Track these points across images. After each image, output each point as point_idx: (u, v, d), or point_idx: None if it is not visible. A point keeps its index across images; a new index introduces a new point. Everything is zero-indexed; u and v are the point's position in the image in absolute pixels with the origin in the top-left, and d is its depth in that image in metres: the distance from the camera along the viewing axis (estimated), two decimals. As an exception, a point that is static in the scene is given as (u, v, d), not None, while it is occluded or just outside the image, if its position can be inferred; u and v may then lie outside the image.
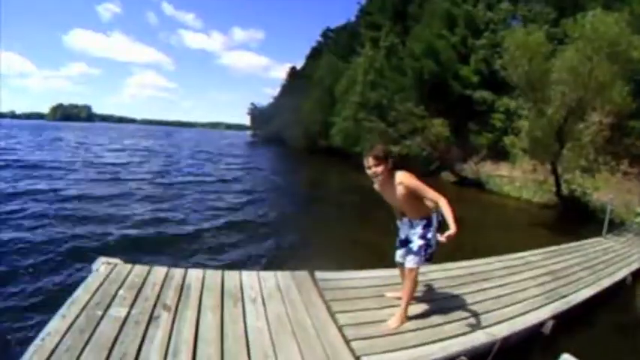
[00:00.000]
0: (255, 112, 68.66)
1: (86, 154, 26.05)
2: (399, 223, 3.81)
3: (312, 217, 11.36)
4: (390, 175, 3.43)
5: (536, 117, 12.35)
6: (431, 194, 3.37)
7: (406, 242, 3.66)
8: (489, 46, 21.39)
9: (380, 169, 3.38)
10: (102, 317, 3.11)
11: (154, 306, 3.34)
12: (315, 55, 51.41)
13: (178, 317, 3.20)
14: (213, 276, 4.06)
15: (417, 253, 3.48)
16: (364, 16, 35.86)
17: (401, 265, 3.74)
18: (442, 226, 3.45)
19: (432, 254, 3.56)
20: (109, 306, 3.29)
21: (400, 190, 3.41)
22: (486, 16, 22.96)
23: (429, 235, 3.49)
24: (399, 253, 3.76)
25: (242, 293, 3.73)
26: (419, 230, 3.52)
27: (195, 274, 4.06)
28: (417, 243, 3.50)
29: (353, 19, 43.52)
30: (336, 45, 43.30)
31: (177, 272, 4.07)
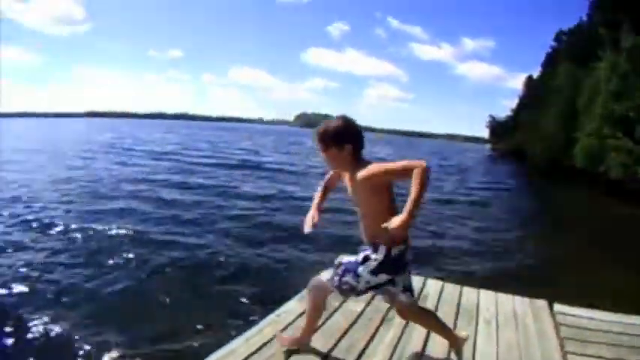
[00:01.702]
0: (494, 125, 65.77)
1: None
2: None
3: (556, 244, 10.63)
4: (353, 166, 2.40)
5: None
6: (401, 164, 2.26)
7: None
8: None
9: (324, 155, 2.46)
10: (337, 308, 3.35)
11: (389, 308, 3.39)
12: (550, 61, 46.64)
13: (411, 324, 3.19)
14: (452, 290, 4.05)
15: (339, 269, 2.50)
16: (598, 13, 31.29)
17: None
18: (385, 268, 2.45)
19: (350, 287, 2.47)
20: (345, 299, 3.44)
21: (361, 187, 2.37)
22: None
23: (361, 259, 2.45)
24: None
25: (477, 313, 3.61)
26: (362, 249, 2.49)
27: (433, 285, 4.10)
28: (348, 257, 2.52)
29: (584, 17, 38.53)
30: (572, 49, 38.56)
31: (416, 280, 4.05)
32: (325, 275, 2.56)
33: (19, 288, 5.57)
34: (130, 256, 6.79)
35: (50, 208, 10.09)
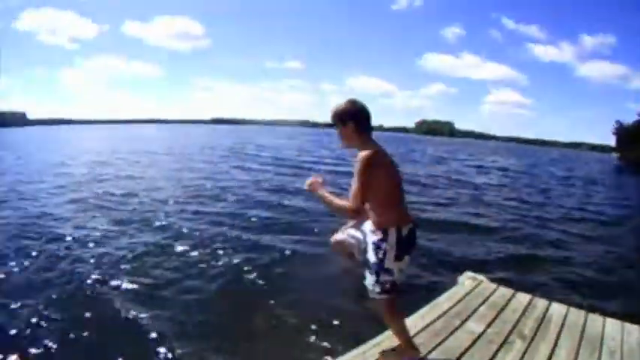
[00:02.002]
0: (621, 131, 59.93)
1: (448, 168, 28.53)
2: None
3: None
4: (361, 145, 2.66)
5: None
6: (351, 193, 2.50)
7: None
8: None
9: (337, 132, 2.72)
10: (458, 327, 3.43)
11: (511, 331, 3.47)
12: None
13: (532, 348, 3.25)
14: (576, 315, 3.95)
15: (372, 271, 2.63)
16: None
17: None
18: (404, 249, 2.61)
19: (393, 285, 2.63)
20: (467, 319, 3.59)
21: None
22: None
23: (381, 255, 2.57)
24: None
25: (601, 342, 3.51)
26: (371, 241, 2.65)
27: (557, 309, 4.03)
28: (371, 255, 2.63)
29: None
30: None
31: (540, 303, 4.13)
32: (371, 294, 2.70)
33: (123, 278, 5.92)
34: (237, 259, 6.95)
35: (166, 206, 11.07)
